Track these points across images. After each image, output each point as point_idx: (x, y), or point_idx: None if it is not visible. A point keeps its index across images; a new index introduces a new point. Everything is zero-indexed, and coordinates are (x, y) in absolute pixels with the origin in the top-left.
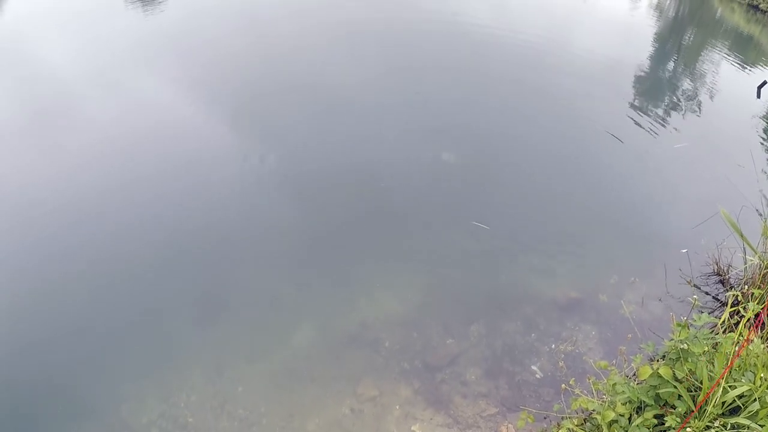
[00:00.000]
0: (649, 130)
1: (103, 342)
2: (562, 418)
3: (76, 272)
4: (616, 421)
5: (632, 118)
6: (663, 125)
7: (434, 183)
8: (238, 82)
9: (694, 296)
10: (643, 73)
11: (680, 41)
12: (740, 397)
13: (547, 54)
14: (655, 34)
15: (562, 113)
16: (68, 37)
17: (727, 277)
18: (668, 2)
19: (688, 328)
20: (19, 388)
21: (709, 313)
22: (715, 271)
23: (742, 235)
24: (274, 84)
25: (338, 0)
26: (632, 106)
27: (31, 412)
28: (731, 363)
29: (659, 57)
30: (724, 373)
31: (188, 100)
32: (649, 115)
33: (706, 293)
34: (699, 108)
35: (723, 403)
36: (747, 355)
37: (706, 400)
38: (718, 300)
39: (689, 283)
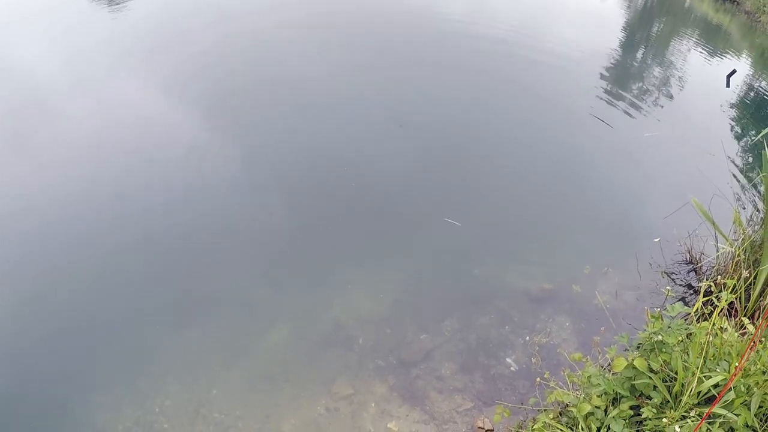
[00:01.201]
0: (619, 119)
1: (75, 349)
2: (538, 412)
3: (45, 277)
4: (592, 414)
5: (602, 108)
6: (633, 114)
7: (406, 179)
8: (211, 78)
9: (668, 287)
10: (613, 63)
11: (650, 31)
12: (715, 386)
13: (518, 45)
14: (625, 23)
15: (533, 106)
16: (35, 36)
17: (699, 265)
18: None
19: (662, 319)
20: None
21: (682, 302)
22: (688, 259)
23: (713, 224)
24: (248, 80)
25: None
26: (602, 95)
27: (1, 422)
28: (704, 352)
29: (629, 46)
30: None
31: (160, 97)
32: (619, 105)
33: (679, 282)
34: (669, 97)
35: (698, 393)
36: (721, 344)
37: (682, 390)
38: (691, 287)
39: (662, 272)
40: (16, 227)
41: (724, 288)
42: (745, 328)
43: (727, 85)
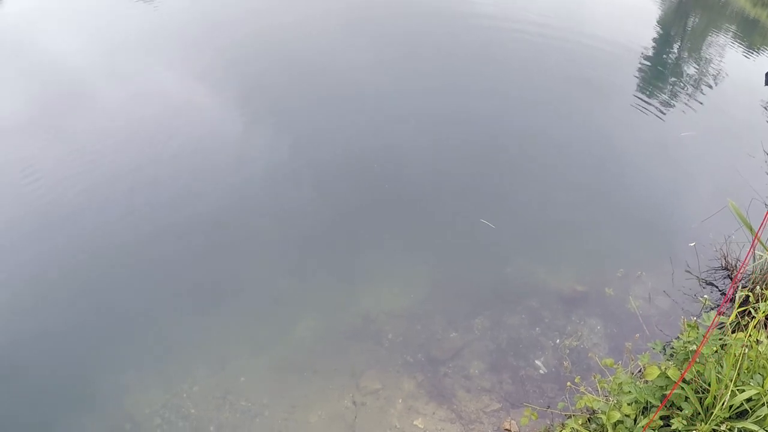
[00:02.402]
0: (654, 118)
1: (107, 332)
2: (566, 417)
3: (79, 261)
4: (621, 422)
5: (637, 106)
6: (668, 113)
7: (440, 173)
8: (243, 69)
9: (705, 296)
10: (647, 59)
11: (685, 25)
12: (748, 400)
13: (552, 37)
14: (660, 18)
15: (567, 100)
16: (75, 27)
17: (736, 272)
18: None
19: (698, 329)
20: (22, 379)
21: (716, 309)
22: (724, 265)
23: (751, 229)
24: (279, 71)
25: None
26: (637, 92)
27: (33, 402)
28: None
29: (664, 42)
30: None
31: (192, 87)
32: (653, 102)
33: (714, 289)
34: (705, 94)
35: (731, 406)
36: (756, 357)
37: (714, 403)
38: (726, 295)
39: (697, 278)
40: (53, 212)
41: (762, 299)
42: None
43: (766, 84)
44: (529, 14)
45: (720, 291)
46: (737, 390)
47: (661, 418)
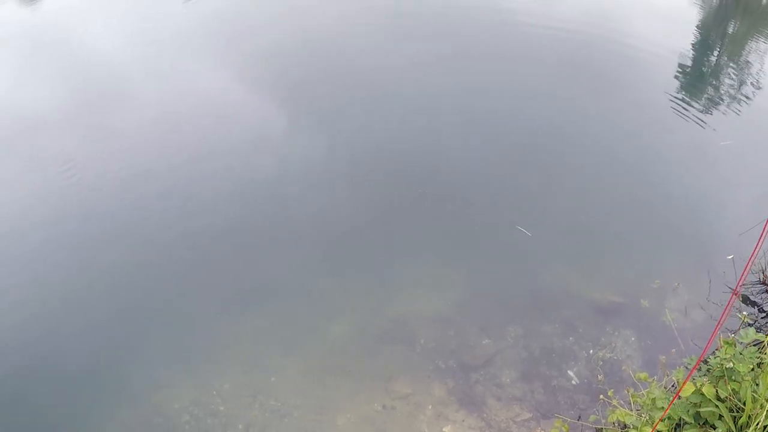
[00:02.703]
0: (693, 124)
1: (139, 326)
2: (598, 430)
3: (115, 257)
4: None
5: (675, 111)
6: (708, 119)
7: (477, 177)
8: (282, 66)
9: (744, 313)
10: (686, 63)
11: (725, 30)
12: None
13: (588, 40)
14: (699, 21)
15: (606, 105)
16: (114, 23)
17: None
18: None
19: (735, 346)
20: (56, 369)
21: (754, 327)
22: (762, 280)
23: None
24: (318, 69)
25: None
26: (675, 97)
27: (66, 392)
28: None
29: (703, 46)
30: None
31: (231, 84)
32: (692, 108)
33: (752, 305)
34: (746, 103)
35: (765, 426)
36: None
37: (748, 423)
38: (764, 312)
39: (735, 292)
40: (90, 206)
41: None
42: None
43: None
44: (568, 13)
45: (758, 307)
46: None
47: None
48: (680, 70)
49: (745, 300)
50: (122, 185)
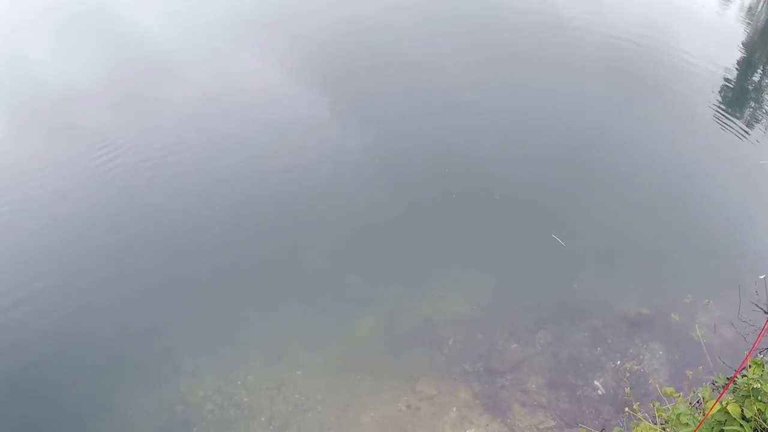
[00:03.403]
0: (734, 141)
1: (167, 314)
2: None
3: (147, 243)
4: None
5: (717, 127)
6: (748, 137)
7: (516, 182)
8: (325, 56)
9: None
10: (729, 81)
11: None
12: None
13: (638, 50)
14: (744, 40)
15: (650, 117)
16: (164, 12)
17: None
18: (760, 8)
19: (764, 367)
20: (79, 353)
21: None
22: None
23: None
24: (360, 61)
25: None
26: (716, 115)
27: (88, 377)
28: None
29: (747, 65)
30: None
31: (272, 71)
32: (733, 126)
33: None
34: None
35: None
36: None
37: None
38: None
39: (765, 312)
40: (121, 191)
41: None
42: None
43: None
44: (618, 23)
45: None
46: None
47: None
48: (724, 86)
49: None
50: (155, 168)
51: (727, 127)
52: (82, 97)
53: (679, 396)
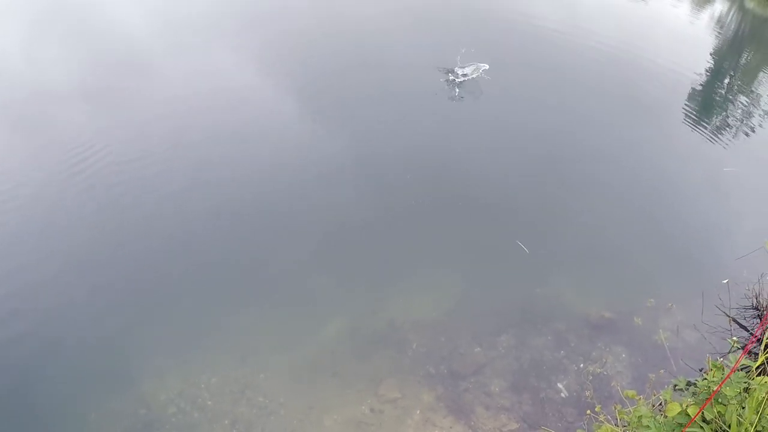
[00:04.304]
0: (699, 149)
1: (130, 316)
2: None
3: (112, 242)
4: None
5: (683, 135)
6: (713, 146)
7: (479, 188)
8: (301, 57)
9: (733, 338)
10: (697, 89)
11: (738, 60)
12: None
13: (605, 60)
14: (713, 49)
15: (615, 122)
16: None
17: (765, 312)
18: (730, 18)
19: (724, 370)
20: (41, 356)
21: (743, 350)
22: (754, 305)
23: None
24: (336, 63)
25: None
26: (684, 123)
27: (51, 381)
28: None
29: (715, 74)
30: None
31: (247, 71)
32: (699, 134)
33: (744, 328)
34: (752, 131)
35: None
36: None
37: None
38: (753, 335)
39: (727, 316)
40: (87, 196)
41: None
42: None
43: None
44: (590, 33)
45: (749, 331)
46: None
47: None
48: (693, 95)
49: (737, 323)
50: (118, 172)
51: (694, 133)
52: (48, 95)
53: (641, 399)
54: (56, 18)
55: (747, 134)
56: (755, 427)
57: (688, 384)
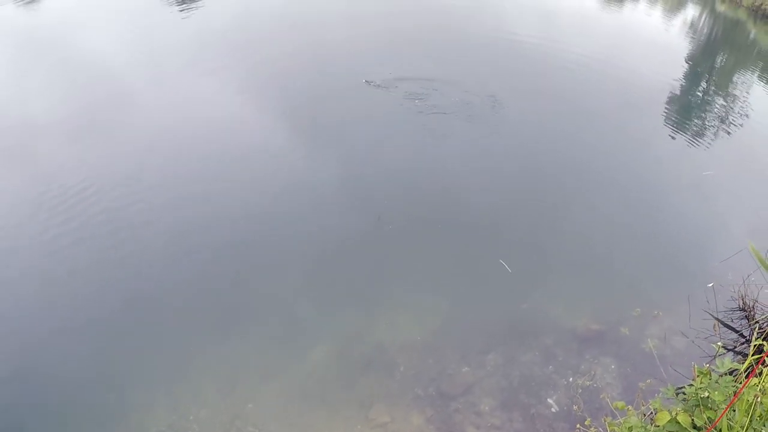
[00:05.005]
0: (677, 154)
1: (117, 347)
2: None
3: (93, 273)
4: None
5: (661, 142)
6: (692, 150)
7: (461, 207)
8: (281, 81)
9: (719, 342)
10: (674, 95)
11: (713, 63)
12: None
13: (581, 69)
14: (688, 54)
15: (590, 133)
16: (119, 33)
17: (752, 312)
18: (702, 22)
19: (711, 375)
20: (28, 390)
21: (732, 352)
22: (741, 306)
23: None
24: (315, 86)
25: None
26: (662, 128)
27: (38, 415)
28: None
29: (691, 78)
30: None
31: (227, 97)
32: (678, 138)
33: (731, 330)
34: (730, 134)
35: None
36: None
37: None
38: (743, 337)
39: (714, 319)
40: (69, 229)
41: None
42: None
43: None
44: (564, 44)
45: (737, 332)
46: None
47: None
48: (669, 99)
49: (725, 325)
50: (102, 206)
51: (673, 139)
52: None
53: (630, 409)
54: (36, 53)
55: (726, 136)
56: (746, 429)
57: (677, 391)
